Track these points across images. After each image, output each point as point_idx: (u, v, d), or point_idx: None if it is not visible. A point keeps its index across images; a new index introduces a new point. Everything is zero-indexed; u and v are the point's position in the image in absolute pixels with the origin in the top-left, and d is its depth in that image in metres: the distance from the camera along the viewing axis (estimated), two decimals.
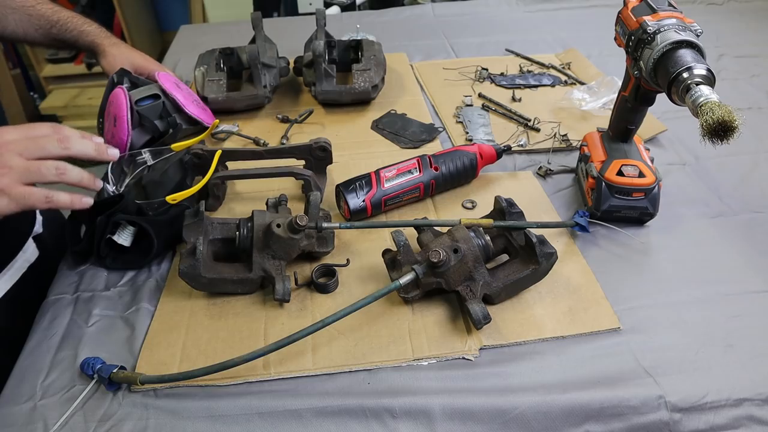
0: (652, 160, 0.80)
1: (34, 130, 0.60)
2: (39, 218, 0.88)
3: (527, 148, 0.95)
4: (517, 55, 1.27)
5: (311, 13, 1.58)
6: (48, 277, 0.75)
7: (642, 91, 0.74)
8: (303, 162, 0.86)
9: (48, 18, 0.96)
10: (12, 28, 0.94)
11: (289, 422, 0.56)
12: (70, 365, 0.62)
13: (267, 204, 0.75)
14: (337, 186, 0.80)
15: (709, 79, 0.60)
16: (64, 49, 1.15)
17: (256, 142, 0.98)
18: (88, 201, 0.65)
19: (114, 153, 0.66)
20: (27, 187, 0.59)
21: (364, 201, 0.78)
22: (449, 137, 1.00)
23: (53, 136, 0.60)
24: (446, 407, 0.56)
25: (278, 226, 0.67)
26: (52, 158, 0.60)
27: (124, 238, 0.72)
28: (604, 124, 0.87)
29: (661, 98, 0.72)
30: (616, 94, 0.81)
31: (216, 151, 0.81)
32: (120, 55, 1.00)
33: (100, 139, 0.65)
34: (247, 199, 0.86)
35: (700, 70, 0.60)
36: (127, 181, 0.83)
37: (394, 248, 0.69)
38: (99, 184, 0.67)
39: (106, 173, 0.82)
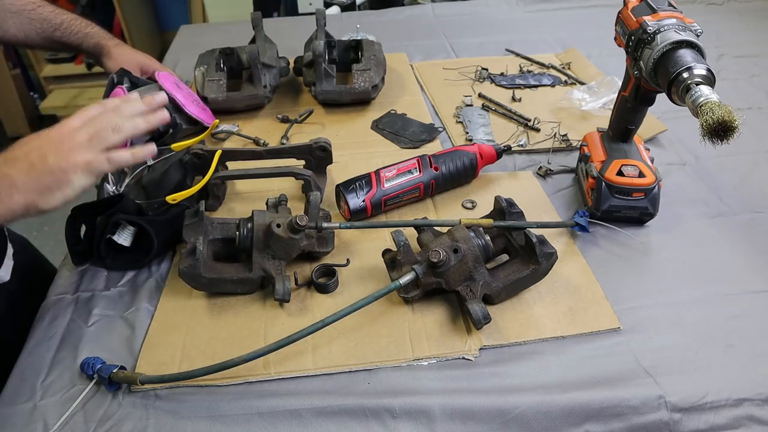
0: (652, 160, 0.80)
1: (90, 112, 0.63)
2: (9, 263, 0.78)
3: (527, 148, 0.95)
4: (517, 55, 1.27)
5: (311, 13, 1.58)
6: (15, 332, 0.69)
7: (642, 91, 0.74)
8: (303, 162, 0.86)
9: (50, 21, 0.95)
10: (13, 32, 0.94)
11: (289, 422, 0.56)
12: (70, 365, 0.62)
13: (267, 204, 0.75)
14: (337, 186, 0.80)
15: (709, 79, 0.61)
16: (66, 52, 1.15)
17: (256, 142, 0.98)
18: (150, 149, 0.66)
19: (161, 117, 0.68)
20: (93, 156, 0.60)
21: (364, 201, 0.78)
22: (449, 137, 1.00)
23: (109, 115, 0.63)
24: (446, 407, 0.56)
25: (278, 226, 0.67)
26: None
27: (124, 238, 0.72)
28: (604, 124, 0.87)
29: (661, 98, 0.72)
30: (616, 94, 0.81)
31: (216, 151, 0.81)
32: (125, 55, 1.00)
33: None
34: (247, 199, 0.86)
35: (700, 70, 0.61)
36: (127, 181, 0.83)
37: (394, 248, 0.69)
38: (159, 106, 0.68)
39: (106, 173, 0.82)
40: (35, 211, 0.58)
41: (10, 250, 0.79)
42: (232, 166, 0.86)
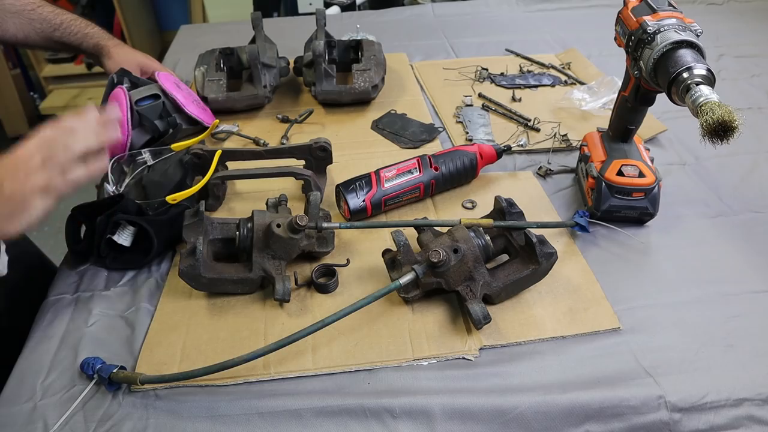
0: (652, 160, 0.80)
1: (46, 134, 0.61)
2: (4, 258, 0.74)
3: (527, 148, 0.95)
4: (517, 55, 1.27)
5: (311, 13, 1.58)
6: (16, 330, 0.68)
7: (642, 91, 0.74)
8: (303, 162, 0.86)
9: (50, 21, 0.95)
10: (12, 31, 0.94)
11: (289, 422, 0.56)
12: (70, 365, 0.62)
13: (267, 204, 0.75)
14: (337, 186, 0.80)
15: (709, 79, 0.60)
16: (65, 52, 1.15)
17: (256, 142, 0.98)
18: (103, 164, 0.63)
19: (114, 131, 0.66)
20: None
21: (364, 201, 0.78)
22: (449, 137, 1.00)
23: (62, 136, 0.61)
24: (446, 407, 0.56)
25: (278, 226, 0.67)
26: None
27: (124, 238, 0.72)
28: (604, 124, 0.87)
29: (661, 98, 0.72)
30: (616, 94, 0.81)
31: (216, 151, 0.81)
32: (125, 55, 1.00)
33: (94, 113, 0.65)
34: (247, 199, 0.86)
35: (700, 70, 0.61)
36: (127, 181, 0.83)
37: (394, 248, 0.69)
38: (112, 120, 0.65)
39: (106, 173, 0.82)
40: None
41: (2, 245, 0.79)
42: (232, 166, 0.85)
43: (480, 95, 1.11)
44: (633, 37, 0.70)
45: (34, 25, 0.95)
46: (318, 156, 0.84)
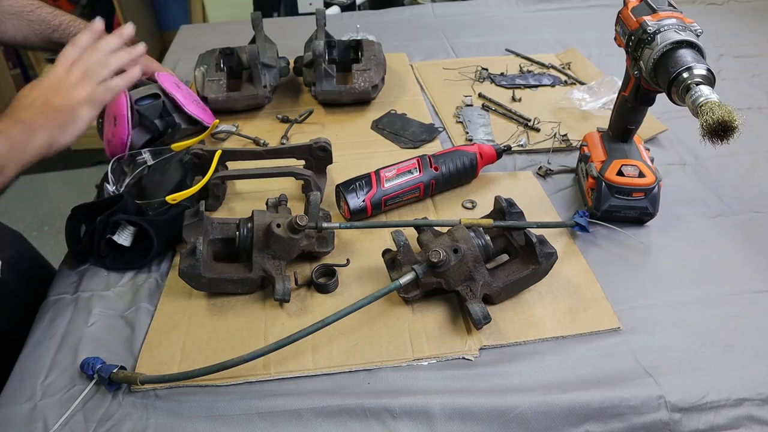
0: (652, 160, 0.80)
1: (71, 54, 0.72)
2: None
3: (527, 148, 0.95)
4: (517, 55, 1.27)
5: (311, 13, 1.58)
6: (15, 332, 0.68)
7: (642, 91, 0.74)
8: (303, 162, 0.86)
9: (49, 22, 0.95)
10: (11, 33, 0.93)
11: (289, 422, 0.56)
12: (70, 365, 0.62)
13: (267, 204, 0.75)
14: (337, 186, 0.80)
15: (709, 79, 0.61)
16: None
17: (256, 142, 0.98)
18: (136, 73, 0.75)
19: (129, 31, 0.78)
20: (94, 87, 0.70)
21: (364, 201, 0.78)
22: (449, 137, 1.00)
23: (94, 54, 0.72)
24: (446, 407, 0.56)
25: (278, 226, 0.67)
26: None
27: (124, 238, 0.72)
28: (604, 124, 0.87)
29: (661, 98, 0.72)
30: (616, 94, 0.81)
31: (216, 151, 0.81)
32: None
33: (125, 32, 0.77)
34: (247, 199, 0.86)
35: (700, 70, 0.61)
36: (127, 181, 0.83)
37: (394, 248, 0.69)
38: (128, 30, 0.77)
39: (106, 173, 0.82)
40: (54, 148, 0.65)
41: None
42: (232, 166, 0.85)
43: (480, 95, 1.11)
44: (633, 37, 0.70)
45: (32, 27, 0.95)
46: (318, 156, 0.84)
